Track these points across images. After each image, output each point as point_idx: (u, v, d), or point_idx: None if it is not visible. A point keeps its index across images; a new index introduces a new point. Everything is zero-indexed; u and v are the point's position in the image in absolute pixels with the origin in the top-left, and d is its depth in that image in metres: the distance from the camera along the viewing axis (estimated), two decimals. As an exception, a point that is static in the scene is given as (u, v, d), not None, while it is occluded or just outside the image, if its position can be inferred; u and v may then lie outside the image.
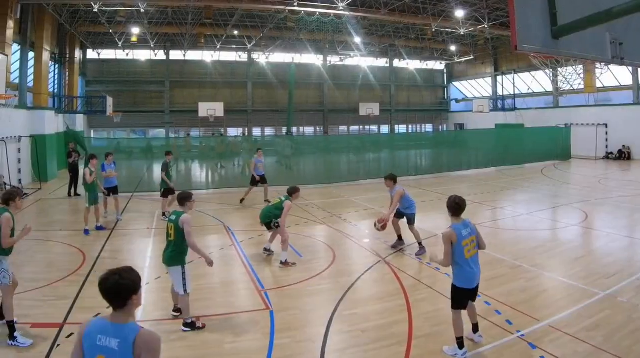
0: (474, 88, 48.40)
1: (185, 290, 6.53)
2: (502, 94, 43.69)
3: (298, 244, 10.94)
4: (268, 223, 9.85)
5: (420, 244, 10.17)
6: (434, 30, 34.73)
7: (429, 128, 50.74)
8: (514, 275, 8.63)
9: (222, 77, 41.78)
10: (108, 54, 39.32)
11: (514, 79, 42.20)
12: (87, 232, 12.16)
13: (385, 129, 48.08)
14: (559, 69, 31.03)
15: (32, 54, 24.54)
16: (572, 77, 29.70)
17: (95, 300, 7.37)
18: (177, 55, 40.72)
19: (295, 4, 26.73)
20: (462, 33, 33.37)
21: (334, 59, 43.62)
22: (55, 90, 29.71)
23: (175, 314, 6.91)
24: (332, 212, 15.05)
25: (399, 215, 10.52)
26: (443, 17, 31.24)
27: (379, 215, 10.66)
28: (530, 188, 19.72)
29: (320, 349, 5.97)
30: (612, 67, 26.58)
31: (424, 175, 23.85)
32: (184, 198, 6.93)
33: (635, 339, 5.99)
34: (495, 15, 30.62)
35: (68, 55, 31.48)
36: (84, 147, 22.15)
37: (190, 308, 6.64)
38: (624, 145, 30.17)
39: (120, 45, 36.68)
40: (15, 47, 22.51)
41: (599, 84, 31.44)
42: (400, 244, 10.64)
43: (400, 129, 48.96)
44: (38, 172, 21.47)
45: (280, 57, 42.94)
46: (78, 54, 34.27)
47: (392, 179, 10.43)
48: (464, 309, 5.83)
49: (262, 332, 6.47)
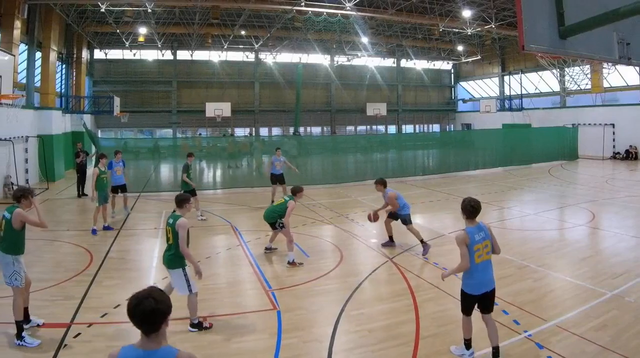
0: (481, 88, 48.26)
1: (191, 291, 6.48)
2: (509, 94, 43.54)
3: (305, 244, 10.98)
4: (273, 223, 9.91)
5: (423, 242, 10.23)
6: (441, 30, 34.75)
7: (436, 128, 50.70)
8: (521, 275, 8.62)
9: (229, 77, 41.87)
10: (115, 54, 39.49)
11: (521, 79, 42.05)
12: (94, 231, 12.21)
13: (393, 129, 48.08)
14: (566, 69, 30.85)
15: (39, 54, 24.72)
16: (579, 77, 29.52)
17: (102, 301, 7.50)
18: (184, 55, 40.83)
19: (303, 4, 26.79)
20: (469, 33, 33.37)
21: (341, 59, 43.64)
22: (62, 90, 29.88)
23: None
24: (339, 212, 15.09)
25: (393, 217, 10.66)
26: (450, 17, 31.24)
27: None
28: (538, 188, 19.65)
29: (328, 349, 5.98)
30: (619, 67, 26.44)
31: (431, 175, 23.90)
32: (182, 200, 6.83)
33: (643, 339, 5.95)
34: (503, 15, 30.60)
35: (75, 55, 31.67)
36: (98, 146, 22.27)
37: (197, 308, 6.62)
38: (631, 145, 30.04)
39: (128, 45, 36.95)
40: (23, 47, 22.67)
41: (606, 84, 31.36)
42: (391, 245, 10.77)
43: (408, 129, 48.96)
44: (45, 172, 21.57)
45: (288, 57, 43.02)
46: (85, 54, 34.44)
47: (381, 183, 10.63)
48: (469, 315, 5.69)
49: (269, 332, 6.49)
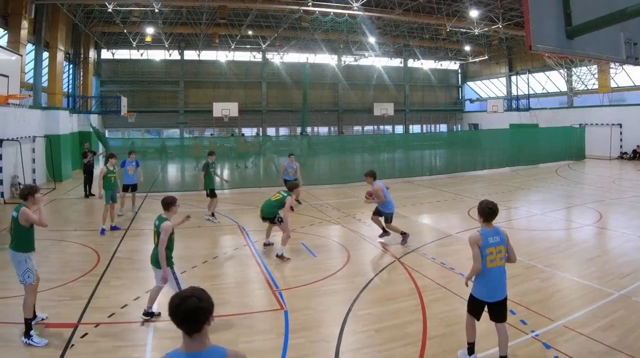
0: (488, 88, 48.07)
1: (180, 288, 6.40)
2: (516, 94, 43.36)
3: (312, 244, 11.02)
4: (272, 218, 10.15)
5: (403, 233, 10.93)
6: (448, 30, 34.62)
7: (443, 128, 50.50)
8: (528, 275, 8.60)
9: (236, 77, 41.88)
10: (122, 54, 39.58)
11: (528, 79, 41.83)
12: (103, 231, 12.26)
13: (400, 129, 47.94)
14: (573, 69, 30.69)
15: (46, 54, 24.80)
16: (586, 77, 29.34)
17: (109, 301, 7.53)
18: (191, 55, 40.85)
19: (310, 4, 26.80)
20: (476, 33, 33.27)
21: (348, 59, 43.60)
22: (70, 90, 29.99)
23: (145, 318, 6.80)
24: (346, 212, 15.11)
25: (377, 213, 11.19)
26: (457, 17, 31.15)
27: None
28: (545, 188, 19.59)
29: (335, 349, 5.99)
30: (626, 67, 26.28)
31: (439, 175, 23.86)
32: (169, 203, 6.82)
33: (651, 340, 5.94)
34: (510, 15, 30.50)
35: (82, 55, 31.80)
36: (107, 146, 22.38)
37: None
38: (639, 145, 29.88)
39: (135, 45, 37.04)
40: (30, 47, 22.77)
41: (614, 84, 31.16)
42: (386, 235, 11.30)
43: (415, 129, 48.79)
44: (52, 172, 21.63)
45: (295, 57, 43.00)
46: (92, 54, 34.58)
47: (371, 176, 11.13)
48: (475, 317, 5.57)
49: (276, 331, 6.51)
